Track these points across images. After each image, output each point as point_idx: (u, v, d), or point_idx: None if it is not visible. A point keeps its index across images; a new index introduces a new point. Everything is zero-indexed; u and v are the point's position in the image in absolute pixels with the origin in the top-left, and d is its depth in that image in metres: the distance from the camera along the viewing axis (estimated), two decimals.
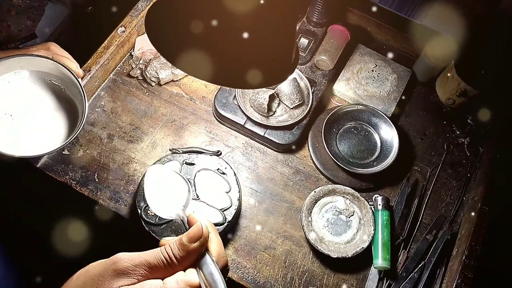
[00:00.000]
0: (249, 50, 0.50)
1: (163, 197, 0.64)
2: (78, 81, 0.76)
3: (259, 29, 0.49)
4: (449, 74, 0.94)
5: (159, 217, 0.78)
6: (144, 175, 0.65)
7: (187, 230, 0.49)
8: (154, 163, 0.84)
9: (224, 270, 0.49)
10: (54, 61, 0.75)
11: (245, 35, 0.48)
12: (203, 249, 0.48)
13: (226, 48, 0.49)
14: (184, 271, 0.47)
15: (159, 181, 0.67)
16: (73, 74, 0.76)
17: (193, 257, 0.47)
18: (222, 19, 0.47)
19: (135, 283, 0.44)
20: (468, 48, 0.94)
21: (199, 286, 0.46)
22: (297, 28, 0.99)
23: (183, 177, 0.67)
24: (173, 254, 0.46)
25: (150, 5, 0.51)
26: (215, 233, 0.51)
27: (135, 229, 0.79)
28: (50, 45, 0.80)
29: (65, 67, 0.75)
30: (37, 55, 0.75)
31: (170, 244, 0.47)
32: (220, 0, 0.45)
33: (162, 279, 0.45)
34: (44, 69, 0.78)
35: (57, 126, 0.79)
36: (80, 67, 0.89)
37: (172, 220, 0.78)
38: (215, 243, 0.50)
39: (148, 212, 0.79)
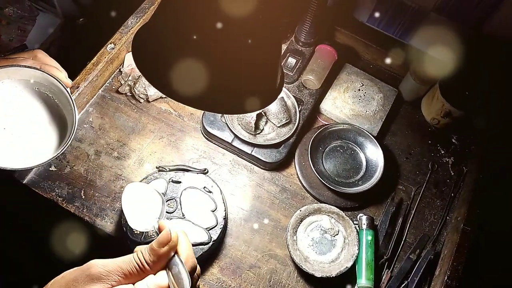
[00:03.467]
0: (233, 76, 0.51)
1: (139, 212, 0.66)
2: (67, 91, 0.74)
3: (243, 56, 0.50)
4: (434, 95, 0.96)
5: (145, 235, 0.78)
6: (122, 193, 0.68)
7: None
8: (140, 181, 0.84)
9: (193, 271, 0.51)
10: (42, 71, 0.73)
11: (229, 61, 0.49)
12: (172, 253, 0.50)
13: (210, 74, 0.50)
14: (155, 274, 0.49)
15: (135, 197, 0.69)
16: (62, 84, 0.73)
17: (163, 261, 0.49)
18: (207, 45, 0.48)
19: None
20: (453, 70, 0.96)
21: (168, 287, 0.48)
22: (284, 48, 1.00)
23: (157, 191, 0.68)
24: (145, 260, 0.48)
25: (139, 27, 0.52)
26: (184, 236, 0.53)
27: (120, 246, 0.79)
28: (37, 53, 0.77)
29: (53, 77, 0.73)
30: (25, 66, 0.73)
31: (142, 250, 0.49)
32: (207, 27, 0.46)
33: (134, 284, 0.47)
34: (32, 78, 0.77)
35: (46, 137, 0.77)
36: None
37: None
38: (184, 246, 0.51)
39: (134, 230, 0.79)
